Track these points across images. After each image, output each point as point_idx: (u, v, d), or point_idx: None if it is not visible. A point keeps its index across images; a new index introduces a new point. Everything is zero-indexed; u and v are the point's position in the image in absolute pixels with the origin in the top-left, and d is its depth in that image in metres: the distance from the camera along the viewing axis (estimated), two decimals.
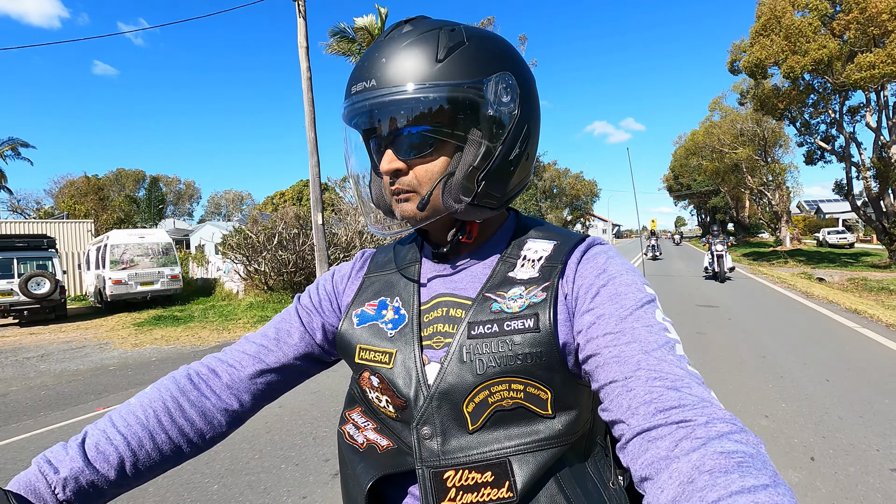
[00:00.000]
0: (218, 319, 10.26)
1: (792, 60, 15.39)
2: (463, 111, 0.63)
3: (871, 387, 4.32)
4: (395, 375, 0.66)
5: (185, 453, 0.69)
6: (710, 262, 13.72)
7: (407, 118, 0.63)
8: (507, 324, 0.62)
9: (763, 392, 4.29)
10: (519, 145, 0.67)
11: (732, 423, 0.47)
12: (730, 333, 6.75)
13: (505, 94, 0.64)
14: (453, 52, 0.62)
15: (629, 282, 0.62)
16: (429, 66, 0.61)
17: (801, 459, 3.00)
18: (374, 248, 0.86)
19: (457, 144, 0.64)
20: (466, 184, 0.64)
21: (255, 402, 0.75)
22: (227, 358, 0.76)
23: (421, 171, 0.65)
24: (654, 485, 0.45)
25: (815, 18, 15.33)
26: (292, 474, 3.08)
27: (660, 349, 0.54)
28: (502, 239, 0.74)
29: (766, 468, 0.42)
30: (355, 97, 0.64)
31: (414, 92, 0.61)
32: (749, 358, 5.44)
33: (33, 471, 0.59)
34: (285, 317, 0.80)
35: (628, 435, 0.51)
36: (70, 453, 0.61)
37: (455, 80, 0.62)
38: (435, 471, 0.62)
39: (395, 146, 0.65)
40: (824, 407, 3.88)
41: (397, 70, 0.61)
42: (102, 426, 0.65)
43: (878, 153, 17.44)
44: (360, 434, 0.72)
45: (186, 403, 0.70)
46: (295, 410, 4.25)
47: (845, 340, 6.18)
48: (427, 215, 0.66)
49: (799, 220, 46.62)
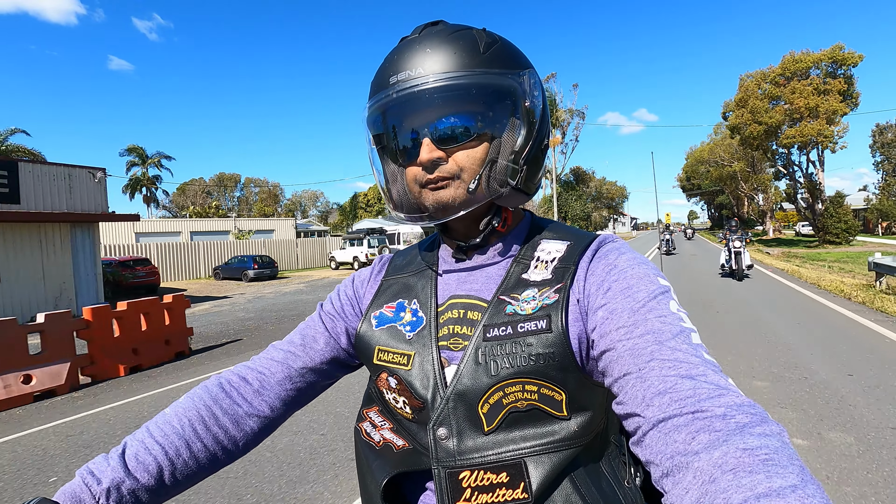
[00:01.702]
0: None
1: (752, 128, 27.18)
2: (508, 98, 0.66)
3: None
4: (412, 377, 0.67)
5: (220, 460, 0.71)
6: (726, 258, 13.13)
7: (456, 103, 0.64)
8: (521, 326, 0.63)
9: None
10: (546, 136, 0.71)
11: (751, 411, 0.45)
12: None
13: (534, 89, 0.68)
14: (492, 47, 0.66)
15: (641, 274, 0.61)
16: (475, 56, 0.64)
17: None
18: (391, 253, 0.89)
19: (495, 132, 0.66)
20: (512, 167, 0.66)
21: (285, 407, 0.77)
22: (256, 365, 0.78)
23: (463, 158, 0.65)
24: (675, 483, 0.43)
25: (766, 101, 26.83)
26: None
27: (674, 339, 0.53)
28: (517, 238, 0.74)
29: (793, 464, 0.39)
30: (398, 86, 0.64)
31: (466, 77, 0.63)
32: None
33: (77, 482, 0.61)
34: (310, 323, 0.82)
35: (644, 428, 0.49)
36: (111, 464, 0.62)
37: (499, 69, 0.65)
38: (451, 471, 0.62)
39: (435, 135, 0.65)
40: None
41: (446, 59, 0.63)
42: (140, 437, 0.67)
43: (808, 178, 29.07)
44: (376, 433, 0.73)
45: (219, 412, 0.71)
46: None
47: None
48: (470, 200, 0.66)
49: (792, 215, 57.63)
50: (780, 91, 26.56)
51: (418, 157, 0.65)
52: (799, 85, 25.72)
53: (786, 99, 26.07)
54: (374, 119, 0.70)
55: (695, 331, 0.56)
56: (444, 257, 0.77)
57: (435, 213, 0.68)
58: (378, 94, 0.67)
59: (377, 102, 0.67)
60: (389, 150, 0.72)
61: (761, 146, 29.35)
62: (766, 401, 4.14)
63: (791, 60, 26.87)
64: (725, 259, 13.07)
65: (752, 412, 0.44)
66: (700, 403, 0.46)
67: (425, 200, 0.68)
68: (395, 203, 0.74)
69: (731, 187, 48.22)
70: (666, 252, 24.00)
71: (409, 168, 0.69)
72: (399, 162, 0.71)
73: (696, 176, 59.89)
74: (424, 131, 0.65)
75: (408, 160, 0.68)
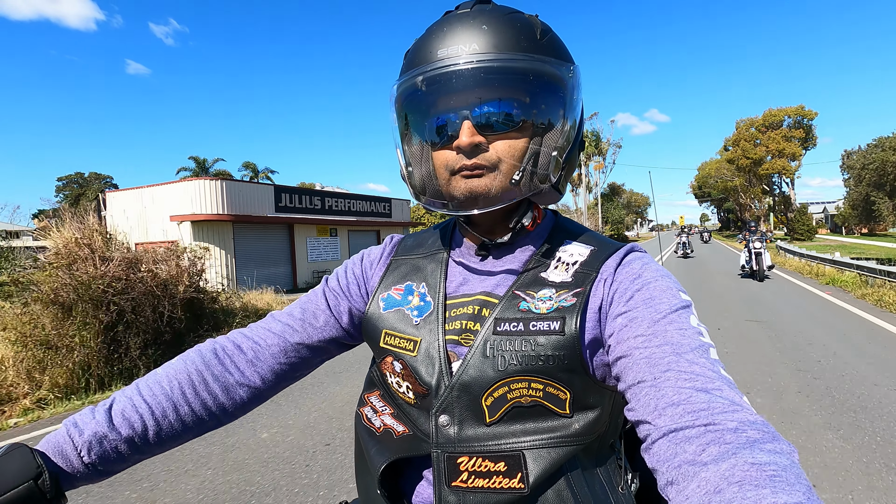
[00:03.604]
0: None
1: (741, 161, 40.55)
2: (560, 90, 0.63)
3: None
4: (418, 363, 0.66)
5: (207, 425, 0.71)
6: (746, 259, 12.85)
7: (510, 87, 0.61)
8: (533, 324, 0.62)
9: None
10: (582, 137, 0.68)
11: (764, 429, 0.45)
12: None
13: (580, 85, 0.66)
14: (547, 35, 0.63)
15: (664, 287, 0.61)
16: (534, 41, 0.61)
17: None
18: (402, 235, 0.86)
19: (542, 124, 0.63)
20: (555, 163, 0.63)
21: (277, 380, 0.75)
22: (253, 334, 0.76)
23: (503, 147, 0.61)
24: (680, 492, 0.43)
25: (752, 142, 40.06)
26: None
27: (692, 352, 0.53)
28: (540, 236, 0.72)
29: (800, 482, 0.39)
30: (448, 60, 0.60)
31: (525, 61, 0.59)
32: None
33: (62, 432, 0.60)
34: (312, 298, 0.80)
35: (654, 436, 0.49)
36: (97, 417, 0.62)
37: (556, 59, 0.62)
38: (449, 455, 0.62)
39: (479, 118, 0.61)
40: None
41: (505, 38, 0.60)
42: (129, 393, 0.66)
43: (782, 194, 42.26)
44: (377, 418, 0.72)
45: (210, 377, 0.70)
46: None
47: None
48: (509, 193, 0.62)
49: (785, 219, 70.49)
50: (761, 136, 39.65)
51: (455, 140, 0.61)
52: (773, 133, 38.95)
53: (763, 143, 39.22)
54: (410, 94, 0.65)
55: (713, 346, 0.55)
56: (461, 249, 0.75)
57: (465, 203, 0.63)
58: (420, 66, 0.62)
59: (418, 74, 0.62)
60: (421, 128, 0.67)
61: (751, 171, 42.32)
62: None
63: (769, 114, 40.31)
64: (745, 260, 12.87)
65: (765, 430, 0.44)
66: (713, 417, 0.46)
67: (455, 188, 0.64)
68: (418, 188, 0.69)
69: (734, 196, 60.99)
70: (683, 255, 22.79)
71: (439, 152, 0.65)
72: (431, 144, 0.66)
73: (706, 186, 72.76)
74: (467, 113, 0.61)
75: (441, 143, 0.64)
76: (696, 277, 14.16)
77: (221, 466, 3.18)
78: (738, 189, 57.01)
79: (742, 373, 4.72)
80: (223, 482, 2.96)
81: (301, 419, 3.99)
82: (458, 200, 0.64)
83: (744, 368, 4.89)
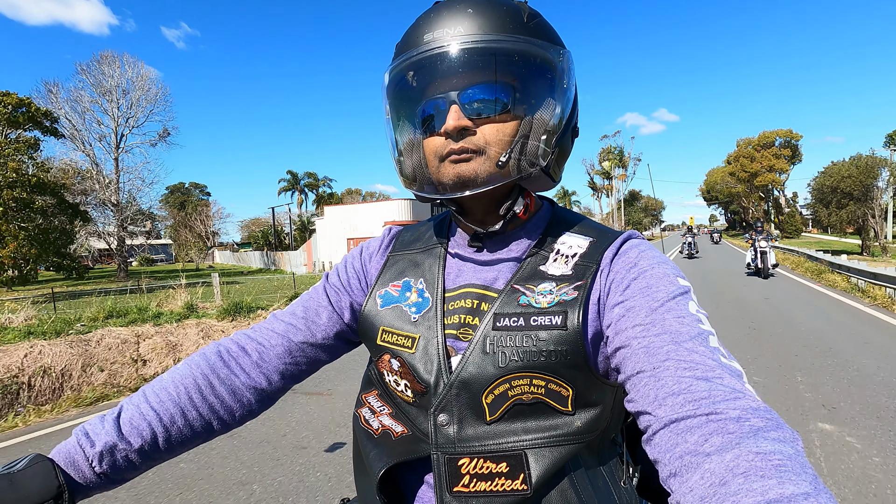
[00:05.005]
0: None
1: (741, 174, 50.77)
2: (549, 73, 0.62)
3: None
4: (416, 360, 0.65)
5: (215, 430, 0.70)
6: (752, 258, 13.41)
7: (496, 69, 0.60)
8: (534, 319, 0.60)
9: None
10: (575, 122, 0.67)
11: (767, 416, 0.44)
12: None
13: (571, 70, 0.65)
14: (535, 19, 0.63)
15: (661, 274, 0.60)
16: (519, 24, 0.61)
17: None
18: (399, 227, 0.84)
19: (530, 108, 0.62)
20: (545, 147, 0.62)
21: (283, 381, 0.75)
22: (257, 336, 0.75)
23: (491, 131, 0.61)
24: (683, 483, 0.42)
25: (749, 159, 49.71)
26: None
27: (691, 340, 0.52)
28: (537, 227, 0.71)
29: (806, 472, 0.39)
30: (433, 43, 0.60)
31: (510, 42, 0.59)
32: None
33: (72, 442, 0.61)
34: (313, 295, 0.79)
35: (655, 426, 0.48)
36: (106, 427, 0.62)
37: (544, 41, 0.62)
38: (450, 457, 0.61)
39: (466, 102, 0.61)
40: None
41: (489, 20, 0.59)
42: (136, 401, 0.66)
43: (775, 200, 52.39)
44: (375, 419, 0.71)
45: (216, 381, 0.70)
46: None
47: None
48: (495, 176, 0.61)
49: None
50: (756, 154, 49.16)
51: (443, 125, 0.61)
52: (766, 152, 48.50)
53: (758, 160, 48.88)
54: (398, 81, 0.65)
55: (713, 333, 0.54)
56: (457, 241, 0.74)
57: (453, 188, 0.63)
58: (406, 52, 0.62)
59: (406, 60, 0.62)
60: (411, 116, 0.67)
61: (749, 182, 51.94)
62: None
63: (763, 136, 50.18)
64: (752, 258, 13.55)
65: (768, 417, 0.44)
66: (715, 405, 0.45)
67: (444, 175, 0.63)
68: (409, 177, 0.69)
69: (737, 200, 70.52)
70: (688, 255, 22.78)
71: (429, 139, 0.65)
72: (419, 131, 0.66)
73: (713, 190, 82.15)
74: (454, 97, 0.61)
75: (430, 129, 0.64)
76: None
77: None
78: (741, 195, 66.90)
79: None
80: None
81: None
82: (447, 186, 0.63)
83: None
